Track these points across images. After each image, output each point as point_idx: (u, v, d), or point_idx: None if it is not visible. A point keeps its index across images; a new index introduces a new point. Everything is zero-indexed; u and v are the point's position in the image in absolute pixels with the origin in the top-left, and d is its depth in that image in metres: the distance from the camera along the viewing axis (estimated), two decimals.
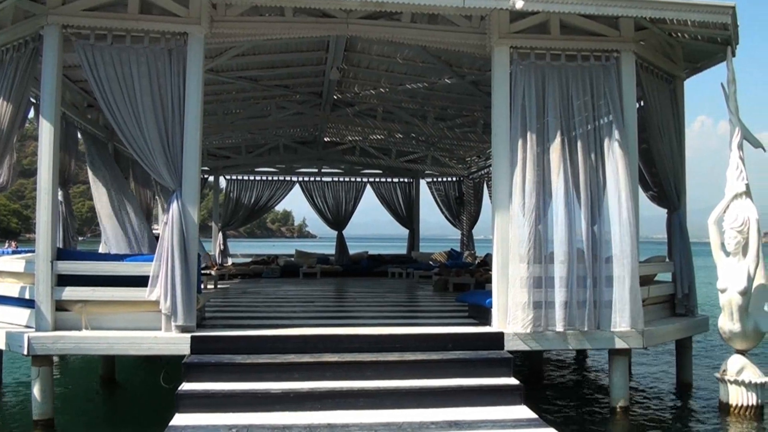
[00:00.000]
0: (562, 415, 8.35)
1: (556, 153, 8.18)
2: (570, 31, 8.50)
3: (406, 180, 22.83)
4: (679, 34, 9.61)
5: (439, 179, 22.96)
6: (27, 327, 7.81)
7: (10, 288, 8.32)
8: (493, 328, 8.24)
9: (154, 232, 11.75)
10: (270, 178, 22.05)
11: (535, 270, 8.02)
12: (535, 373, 10.50)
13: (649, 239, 13.57)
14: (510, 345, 7.98)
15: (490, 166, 8.93)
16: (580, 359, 12.49)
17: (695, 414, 8.84)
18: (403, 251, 23.30)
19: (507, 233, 8.15)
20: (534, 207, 8.03)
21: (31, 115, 8.92)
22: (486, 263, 15.98)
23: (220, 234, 21.22)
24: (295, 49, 12.55)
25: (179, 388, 6.86)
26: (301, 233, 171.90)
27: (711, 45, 9.49)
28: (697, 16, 8.37)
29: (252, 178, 21.83)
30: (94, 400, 9.62)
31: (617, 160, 8.25)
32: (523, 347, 8.06)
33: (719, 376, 8.70)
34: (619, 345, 8.26)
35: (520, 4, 7.75)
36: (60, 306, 7.70)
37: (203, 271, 14.62)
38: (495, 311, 8.26)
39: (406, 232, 23.34)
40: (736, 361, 8.59)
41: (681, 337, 9.82)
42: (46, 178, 7.66)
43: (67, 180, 10.87)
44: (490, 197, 8.81)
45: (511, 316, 8.01)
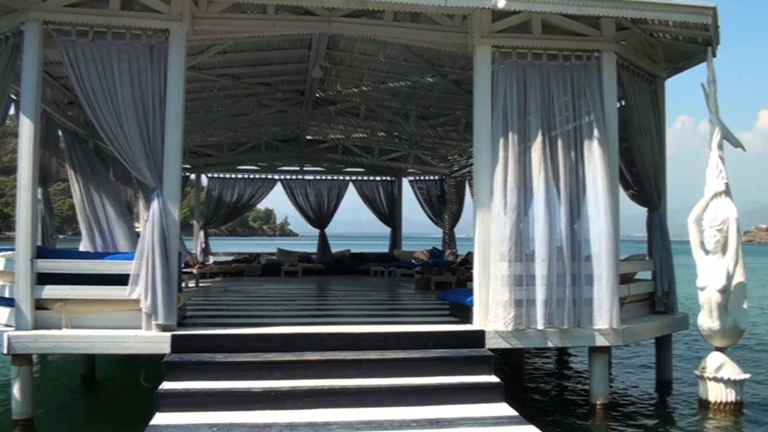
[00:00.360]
0: (542, 412, 8.38)
1: (537, 152, 8.21)
2: (552, 31, 8.54)
3: (388, 178, 22.84)
4: (660, 35, 9.67)
5: (422, 178, 22.99)
6: (6, 326, 7.73)
7: None
8: (474, 326, 8.26)
9: (135, 230, 11.68)
10: (252, 176, 22.00)
11: (515, 268, 8.05)
12: (516, 371, 10.53)
13: (629, 238, 13.66)
14: (491, 343, 8.00)
15: (472, 164, 8.97)
16: (560, 357, 12.55)
17: (675, 411, 8.91)
18: (386, 250, 23.31)
19: (488, 231, 8.18)
20: (515, 205, 8.06)
21: (11, 111, 8.83)
22: (468, 262, 16.01)
23: (202, 232, 21.14)
24: (277, 46, 12.52)
25: (160, 387, 6.82)
26: (284, 232, 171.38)
27: (692, 45, 9.55)
28: (677, 17, 8.42)
29: (234, 176, 21.78)
30: (74, 399, 9.56)
31: (597, 159, 8.30)
32: (503, 345, 8.09)
33: (699, 373, 8.78)
34: (599, 342, 8.32)
35: (501, 4, 7.77)
36: (40, 305, 7.63)
37: (184, 270, 14.56)
38: (476, 309, 8.28)
39: (388, 230, 23.37)
40: (715, 359, 8.67)
41: (661, 335, 9.90)
42: (26, 175, 7.60)
43: (47, 177, 10.78)
44: (472, 196, 8.83)
45: (492, 314, 8.04)
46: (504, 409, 6.87)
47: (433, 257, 19.65)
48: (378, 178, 22.84)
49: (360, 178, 22.80)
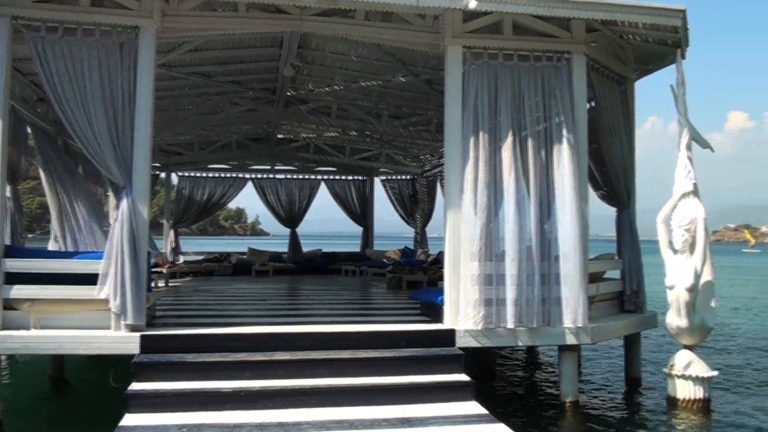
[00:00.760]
0: (512, 411, 8.44)
1: (508, 152, 8.25)
2: (523, 32, 8.59)
3: (360, 178, 22.82)
4: (629, 36, 9.77)
5: (393, 177, 23.02)
6: None
7: None
8: (445, 325, 8.29)
9: (105, 229, 11.56)
10: (223, 175, 21.88)
11: (486, 267, 8.09)
12: (486, 370, 10.57)
13: (599, 237, 13.79)
14: (461, 342, 8.03)
15: (444, 164, 9.01)
16: (531, 355, 12.63)
17: (644, 408, 9.02)
18: (357, 249, 23.30)
19: (459, 231, 8.20)
20: (485, 205, 8.10)
21: None
22: (439, 261, 16.04)
23: (172, 231, 20.98)
24: (248, 45, 12.46)
25: (129, 388, 6.76)
26: (255, 231, 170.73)
27: (661, 47, 9.66)
28: (647, 19, 8.51)
29: (204, 174, 21.63)
30: (43, 400, 9.43)
31: (567, 159, 8.36)
32: (474, 344, 8.13)
33: (667, 371, 8.89)
34: (568, 341, 8.39)
35: (473, 4, 7.80)
36: (8, 305, 7.52)
37: (154, 269, 14.45)
38: (447, 309, 8.31)
39: (360, 229, 23.36)
40: (683, 356, 8.79)
41: (629, 333, 10.00)
42: None
43: (16, 175, 10.64)
44: (444, 195, 8.86)
45: (463, 313, 8.07)
46: (474, 407, 6.89)
47: (404, 256, 19.68)
48: (350, 178, 22.81)
49: (332, 178, 22.75)
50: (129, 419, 6.30)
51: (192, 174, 21.48)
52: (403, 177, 22.93)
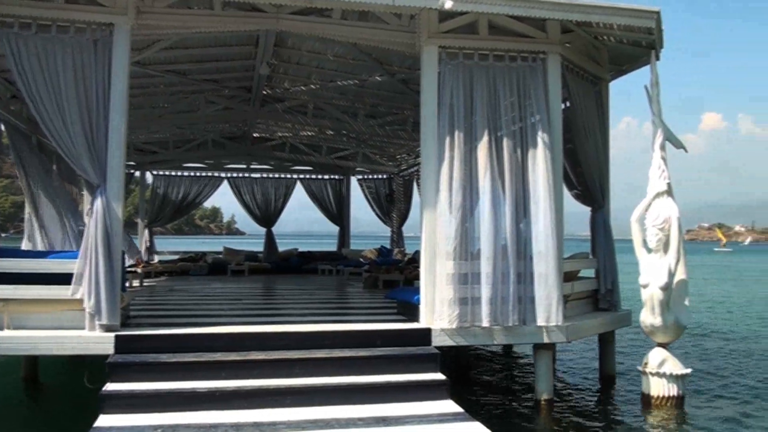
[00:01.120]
0: (488, 409, 8.48)
1: (484, 151, 8.28)
2: (498, 32, 8.63)
3: (336, 177, 22.79)
4: (604, 37, 9.85)
5: (370, 176, 23.02)
6: None
7: None
8: (421, 324, 8.30)
9: (80, 228, 11.46)
10: (198, 174, 21.76)
11: (462, 267, 8.11)
12: (462, 368, 10.63)
13: (574, 236, 13.90)
14: (437, 341, 8.05)
15: (420, 163, 9.04)
16: (506, 354, 12.68)
17: (618, 405, 9.09)
18: (334, 248, 23.27)
19: (434, 230, 8.22)
20: (461, 204, 8.13)
21: None
22: (415, 260, 16.06)
23: (147, 231, 20.86)
24: (224, 43, 12.40)
25: (103, 389, 6.70)
26: (230, 230, 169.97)
27: (636, 48, 9.75)
28: (622, 20, 8.59)
29: (179, 173, 21.51)
30: (17, 401, 9.33)
31: (542, 159, 8.41)
32: (449, 343, 8.15)
33: (641, 369, 8.97)
34: (544, 340, 8.43)
35: (449, 4, 7.82)
36: None
37: (128, 269, 14.34)
38: (422, 308, 8.32)
39: (336, 229, 23.33)
40: (657, 354, 8.87)
41: (604, 332, 10.08)
42: None
43: None
44: (420, 195, 8.88)
45: (438, 312, 8.09)
46: (449, 406, 6.91)
47: (381, 256, 19.70)
48: (326, 177, 22.77)
49: (308, 177, 22.71)
50: (104, 420, 6.25)
51: (167, 173, 21.35)
52: (380, 176, 22.95)
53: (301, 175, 22.66)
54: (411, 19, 8.63)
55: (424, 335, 8.07)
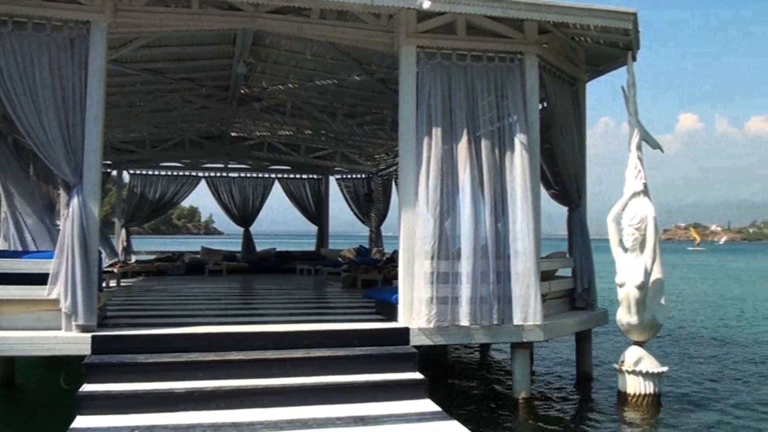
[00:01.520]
0: (466, 408, 8.50)
1: (462, 151, 8.31)
2: (476, 32, 8.66)
3: (315, 176, 22.77)
4: (581, 38, 9.91)
5: (349, 176, 23.03)
6: None
7: None
8: (399, 323, 8.31)
9: (57, 228, 11.34)
10: (175, 173, 21.64)
11: (440, 266, 8.13)
12: (440, 367, 10.64)
13: (553, 236, 13.96)
14: (415, 340, 8.07)
15: (398, 163, 9.07)
16: (484, 353, 12.73)
17: (595, 403, 9.16)
18: (312, 248, 23.23)
19: (413, 230, 8.24)
20: (439, 204, 8.15)
21: None
22: (394, 260, 16.07)
23: (124, 230, 20.70)
24: (201, 41, 12.35)
25: (80, 390, 6.65)
26: (208, 230, 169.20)
27: (613, 49, 9.82)
28: (599, 21, 8.64)
29: (157, 173, 21.38)
30: None
31: (520, 159, 8.45)
32: (428, 342, 8.17)
33: (618, 367, 9.03)
34: (521, 338, 8.48)
35: (427, 4, 7.84)
36: None
37: (105, 269, 14.24)
38: (401, 307, 8.33)
39: (314, 228, 23.29)
40: (633, 353, 8.93)
41: (581, 330, 10.14)
42: None
43: None
44: (399, 194, 8.90)
45: (416, 311, 8.11)
46: (427, 405, 6.93)
47: (359, 255, 19.68)
48: (304, 176, 22.75)
49: (286, 176, 22.67)
50: (80, 421, 6.21)
51: (144, 172, 21.22)
52: (359, 176, 22.96)
53: (280, 175, 22.61)
54: (389, 19, 8.64)
55: (402, 335, 8.09)
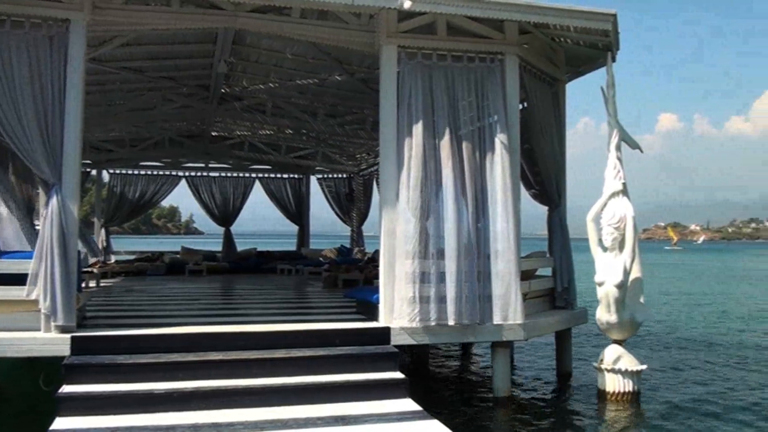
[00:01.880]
0: (446, 407, 8.52)
1: (443, 151, 8.33)
2: (456, 33, 8.68)
3: (296, 176, 22.74)
4: (561, 39, 9.97)
5: (330, 176, 23.02)
6: None
7: None
8: (380, 323, 8.32)
9: (36, 228, 11.24)
10: (155, 173, 21.53)
11: (421, 266, 8.14)
12: (421, 367, 10.67)
13: (532, 236, 14.04)
14: (396, 339, 8.08)
15: (379, 163, 9.07)
16: (465, 351, 12.76)
17: (574, 402, 9.21)
18: (293, 248, 23.18)
19: (394, 229, 8.25)
20: (420, 204, 8.16)
21: None
22: (375, 260, 16.07)
23: (103, 230, 20.57)
24: (181, 40, 12.27)
25: (59, 391, 6.59)
26: (188, 230, 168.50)
27: (593, 50, 9.88)
28: (578, 23, 8.70)
29: (136, 172, 21.25)
30: None
31: (500, 159, 8.49)
32: (409, 341, 8.19)
33: (597, 366, 9.10)
34: (502, 338, 8.52)
35: (407, 4, 7.85)
36: None
37: (85, 269, 14.14)
38: (381, 306, 8.34)
39: (295, 228, 23.25)
40: (613, 351, 9.02)
41: (561, 329, 10.21)
42: None
43: None
44: (380, 194, 8.91)
45: (397, 311, 8.12)
46: (408, 404, 6.94)
47: (341, 255, 19.69)
48: (285, 176, 22.71)
49: (267, 176, 22.62)
50: (60, 423, 6.16)
51: (124, 171, 21.09)
52: (340, 175, 22.96)
53: (260, 174, 22.56)
54: (370, 19, 8.65)
55: (383, 334, 8.09)
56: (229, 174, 22.36)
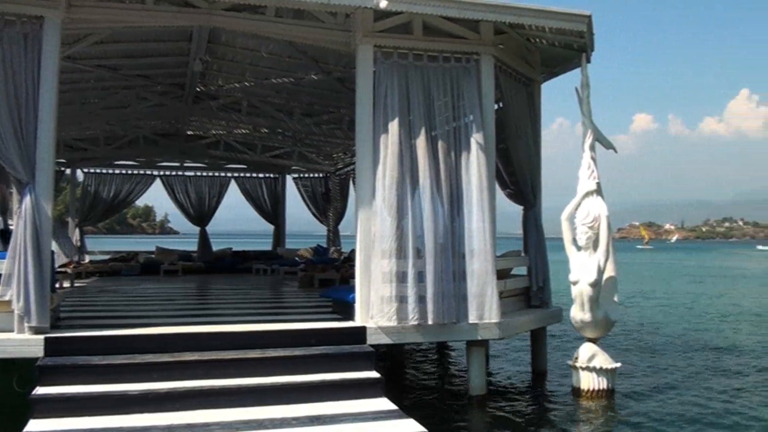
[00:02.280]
0: (422, 406, 8.53)
1: (419, 151, 8.35)
2: (432, 33, 8.70)
3: (271, 175, 22.68)
4: (537, 40, 10.02)
5: (306, 175, 22.98)
6: None
7: None
8: (356, 322, 8.33)
9: (10, 227, 11.13)
10: (130, 172, 21.39)
11: (397, 265, 8.15)
12: (397, 366, 10.68)
13: (510, 235, 14.11)
14: (372, 339, 8.09)
15: (356, 162, 9.06)
16: (440, 350, 12.79)
17: (549, 400, 9.28)
18: (269, 247, 23.12)
19: (370, 229, 8.26)
20: (397, 203, 8.17)
21: None
22: (351, 259, 16.04)
23: (77, 230, 20.39)
24: (156, 38, 12.19)
25: (33, 393, 6.52)
26: (164, 229, 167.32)
27: (568, 51, 9.94)
28: (554, 23, 8.75)
29: (111, 171, 21.10)
30: None
31: (476, 158, 8.52)
32: (385, 341, 8.20)
33: (572, 364, 9.18)
34: (478, 336, 8.55)
35: (383, 4, 7.85)
36: None
37: (58, 269, 14.02)
38: (358, 306, 8.34)
39: (271, 228, 23.19)
40: (587, 349, 9.09)
41: (536, 328, 10.27)
42: None
43: None
44: (356, 193, 8.91)
45: (373, 310, 8.13)
46: (384, 403, 6.95)
47: (317, 255, 19.64)
48: (261, 175, 22.65)
49: (242, 175, 22.55)
50: (34, 425, 6.09)
51: (98, 170, 20.93)
52: (316, 175, 22.93)
53: (236, 174, 22.49)
54: (346, 18, 8.65)
55: (359, 333, 8.10)
56: (204, 173, 22.26)
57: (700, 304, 23.78)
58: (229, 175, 22.43)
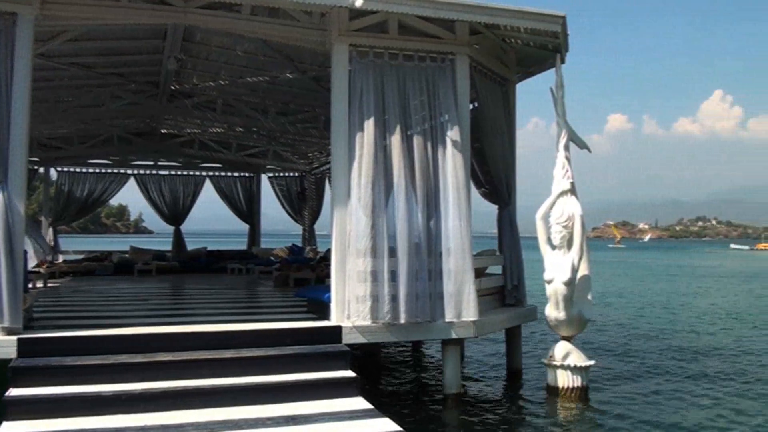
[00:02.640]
0: (397, 404, 8.56)
1: (395, 150, 8.36)
2: (408, 32, 8.72)
3: (246, 174, 22.61)
4: (511, 40, 10.08)
5: (281, 174, 22.91)
6: None
7: None
8: (332, 322, 8.32)
9: None
10: (104, 171, 21.21)
11: (372, 264, 8.15)
12: (372, 365, 10.68)
13: (485, 234, 14.17)
14: (348, 338, 8.09)
15: (331, 161, 9.05)
16: (416, 349, 12.82)
17: (524, 397, 9.36)
18: (244, 247, 23.02)
19: (345, 228, 8.26)
20: (372, 202, 8.17)
21: None
22: (327, 258, 16.01)
23: (51, 229, 20.19)
24: (130, 36, 12.10)
25: (6, 394, 6.44)
26: (138, 229, 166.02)
27: (542, 51, 10.00)
28: (528, 24, 8.80)
29: (85, 170, 20.91)
30: None
31: (451, 157, 8.55)
32: (360, 340, 8.20)
33: (546, 362, 9.23)
34: (454, 335, 8.57)
35: (359, 3, 7.85)
36: None
37: (32, 269, 13.89)
38: (333, 305, 8.33)
39: (246, 227, 23.11)
40: (562, 347, 9.16)
41: (511, 326, 10.32)
42: None
43: None
44: (331, 192, 8.90)
45: (349, 309, 8.13)
46: (359, 402, 6.95)
47: (292, 254, 19.59)
48: (236, 174, 22.57)
49: (217, 174, 22.44)
50: (7, 427, 6.03)
51: (72, 169, 20.73)
52: (292, 174, 22.87)
53: (211, 173, 22.39)
54: (322, 17, 8.64)
55: (335, 333, 8.10)
56: (179, 172, 22.13)
57: (674, 303, 24.02)
58: (203, 174, 22.32)
